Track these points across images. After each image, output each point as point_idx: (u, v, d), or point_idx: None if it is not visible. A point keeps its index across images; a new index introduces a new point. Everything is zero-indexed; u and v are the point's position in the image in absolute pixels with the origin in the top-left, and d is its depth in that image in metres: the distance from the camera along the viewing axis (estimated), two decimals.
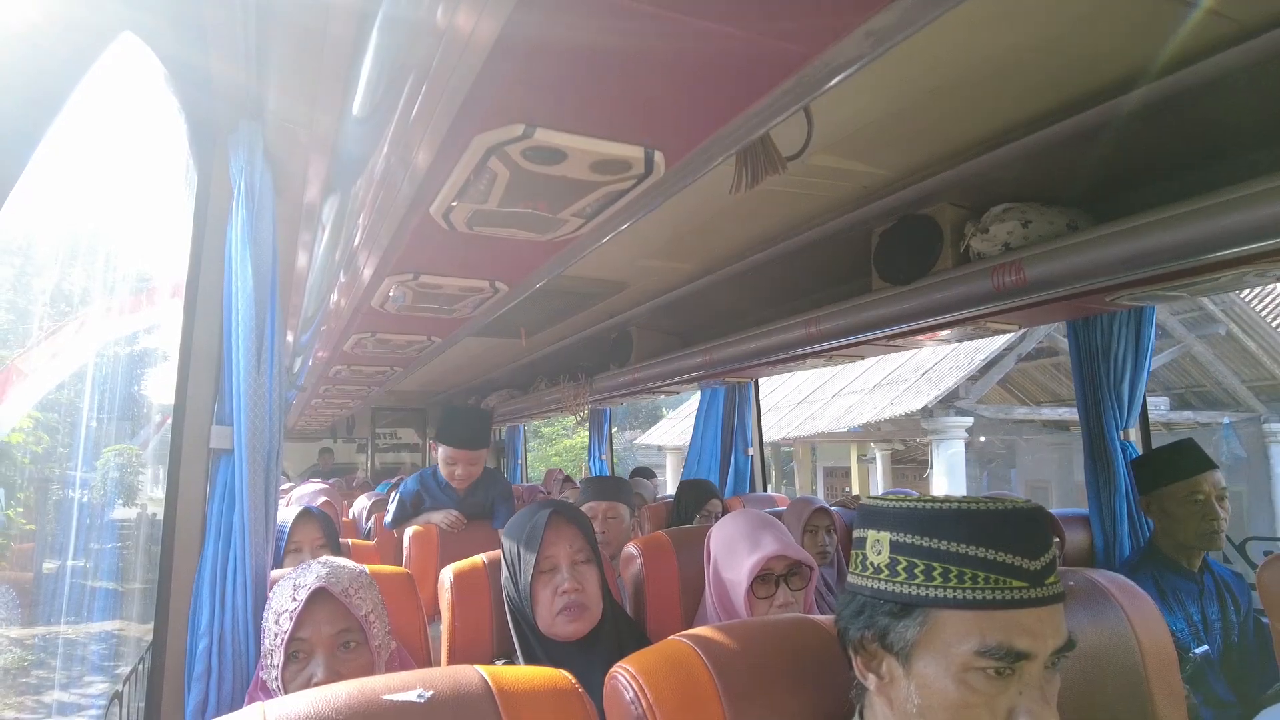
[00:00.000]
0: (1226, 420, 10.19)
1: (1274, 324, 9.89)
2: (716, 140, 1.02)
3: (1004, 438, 12.63)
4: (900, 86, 1.44)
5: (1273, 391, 10.18)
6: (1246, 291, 9.47)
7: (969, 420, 10.13)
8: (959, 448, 10.19)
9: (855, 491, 13.50)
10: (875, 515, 0.92)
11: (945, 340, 2.66)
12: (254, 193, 1.40)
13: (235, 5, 1.09)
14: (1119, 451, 2.42)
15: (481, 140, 1.00)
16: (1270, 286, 10.03)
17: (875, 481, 13.07)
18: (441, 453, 2.77)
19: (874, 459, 13.18)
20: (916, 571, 0.86)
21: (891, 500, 0.92)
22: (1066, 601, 0.87)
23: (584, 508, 2.42)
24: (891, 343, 2.59)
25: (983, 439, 12.39)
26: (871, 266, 2.12)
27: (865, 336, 2.24)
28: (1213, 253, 1.40)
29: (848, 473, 14.29)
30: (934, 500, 0.87)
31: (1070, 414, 10.71)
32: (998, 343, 9.71)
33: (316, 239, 1.77)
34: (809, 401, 12.53)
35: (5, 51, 0.65)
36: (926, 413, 9.83)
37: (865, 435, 11.63)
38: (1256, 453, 10.29)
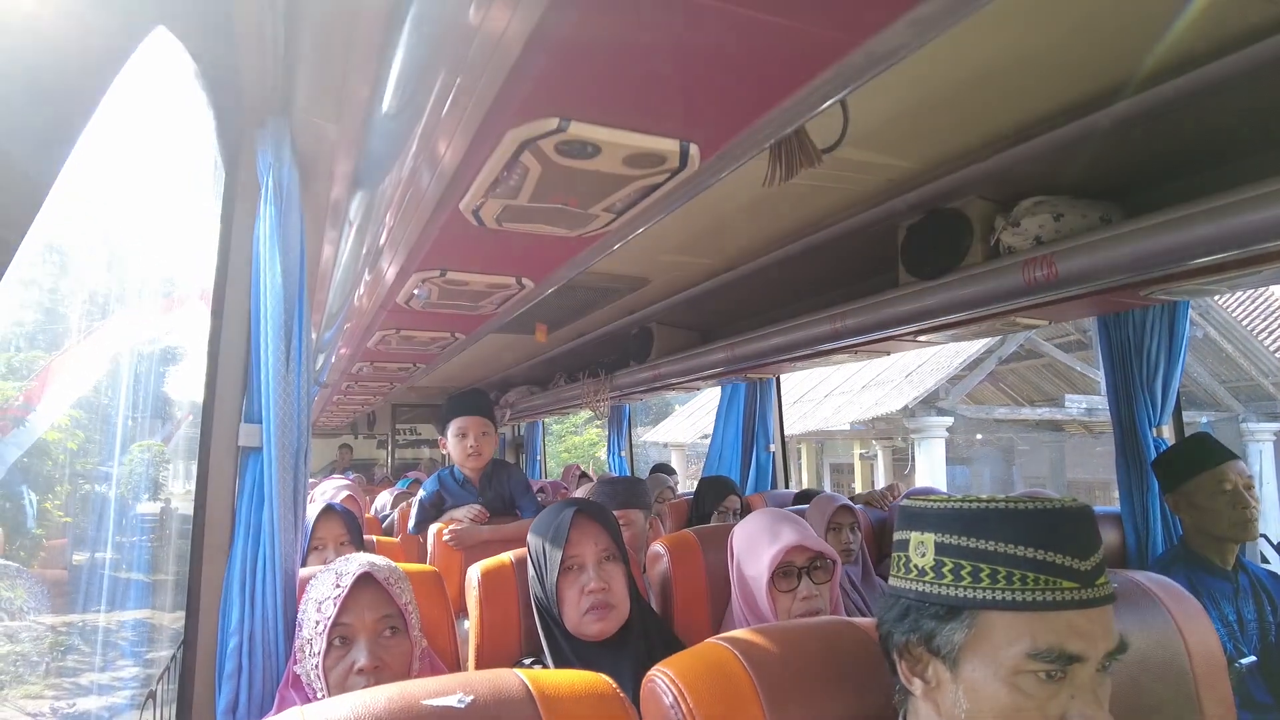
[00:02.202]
0: (1205, 420, 10.39)
1: (1247, 325, 10.21)
2: (753, 132, 1.00)
3: (1002, 436, 12.76)
4: (929, 78, 1.41)
5: (1250, 392, 10.47)
6: (1222, 296, 9.64)
7: (949, 420, 10.64)
8: (940, 446, 10.73)
9: (857, 487, 13.62)
10: (918, 517, 0.91)
11: (974, 336, 2.63)
12: (282, 189, 1.39)
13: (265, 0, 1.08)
14: (1152, 449, 2.39)
15: (514, 135, 0.99)
16: (1243, 293, 10.31)
17: (877, 477, 13.36)
18: (452, 430, 2.77)
19: (875, 455, 13.32)
20: (963, 573, 0.84)
21: (935, 501, 0.90)
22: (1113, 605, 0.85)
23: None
24: (918, 338, 2.56)
25: (979, 437, 12.56)
26: (898, 261, 2.09)
27: (892, 332, 2.21)
28: (1253, 245, 1.36)
29: (852, 469, 14.43)
30: (980, 500, 0.86)
31: (1051, 413, 11.29)
32: (977, 346, 10.25)
33: (343, 235, 1.77)
34: (804, 400, 12.91)
35: (42, 46, 0.64)
36: (908, 412, 10.35)
37: (866, 433, 11.88)
38: (1235, 451, 10.34)
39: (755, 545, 1.65)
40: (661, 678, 0.94)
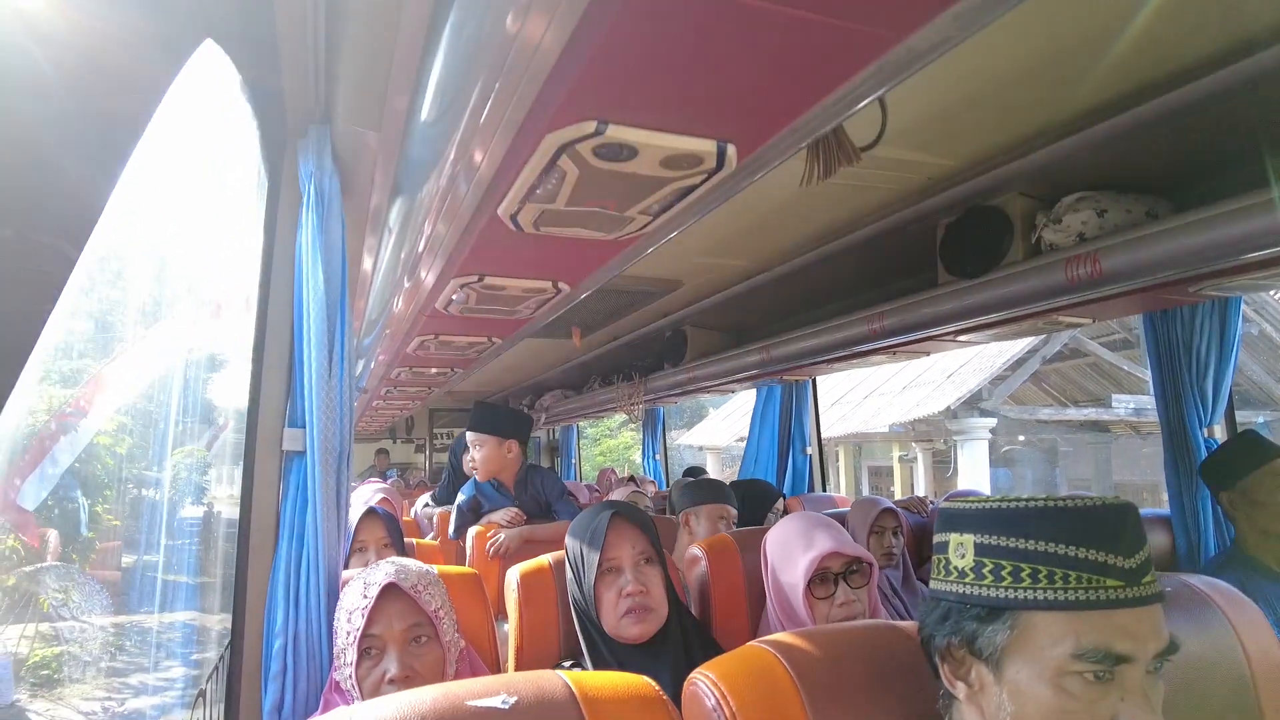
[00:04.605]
0: (1260, 419, 10.02)
1: None
2: (791, 131, 1.00)
3: (1046, 437, 12.51)
4: (969, 73, 1.40)
5: None
6: (1278, 291, 9.29)
7: (992, 421, 10.46)
8: (983, 448, 10.55)
9: (896, 490, 13.44)
10: (956, 518, 0.89)
11: (1016, 335, 2.58)
12: (323, 197, 1.42)
13: (307, 11, 1.10)
14: (1202, 450, 2.32)
15: (552, 139, 0.99)
16: None
17: (917, 480, 13.09)
18: None
19: (915, 458, 13.15)
20: (1004, 573, 0.83)
21: (973, 501, 0.89)
22: (1165, 610, 0.83)
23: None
24: (958, 338, 2.52)
25: (1022, 438, 12.34)
26: (937, 260, 2.07)
27: (931, 332, 2.18)
28: None
29: (891, 472, 14.24)
30: (1019, 500, 0.85)
31: (1097, 414, 11.05)
32: (1020, 345, 10.06)
33: (382, 242, 1.79)
34: (842, 403, 12.80)
35: (95, 63, 0.66)
36: (950, 414, 10.19)
37: (906, 435, 11.75)
38: None
39: (790, 552, 1.63)
40: (704, 680, 0.93)
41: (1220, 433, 2.41)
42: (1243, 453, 2.16)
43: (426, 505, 4.04)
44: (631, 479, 5.51)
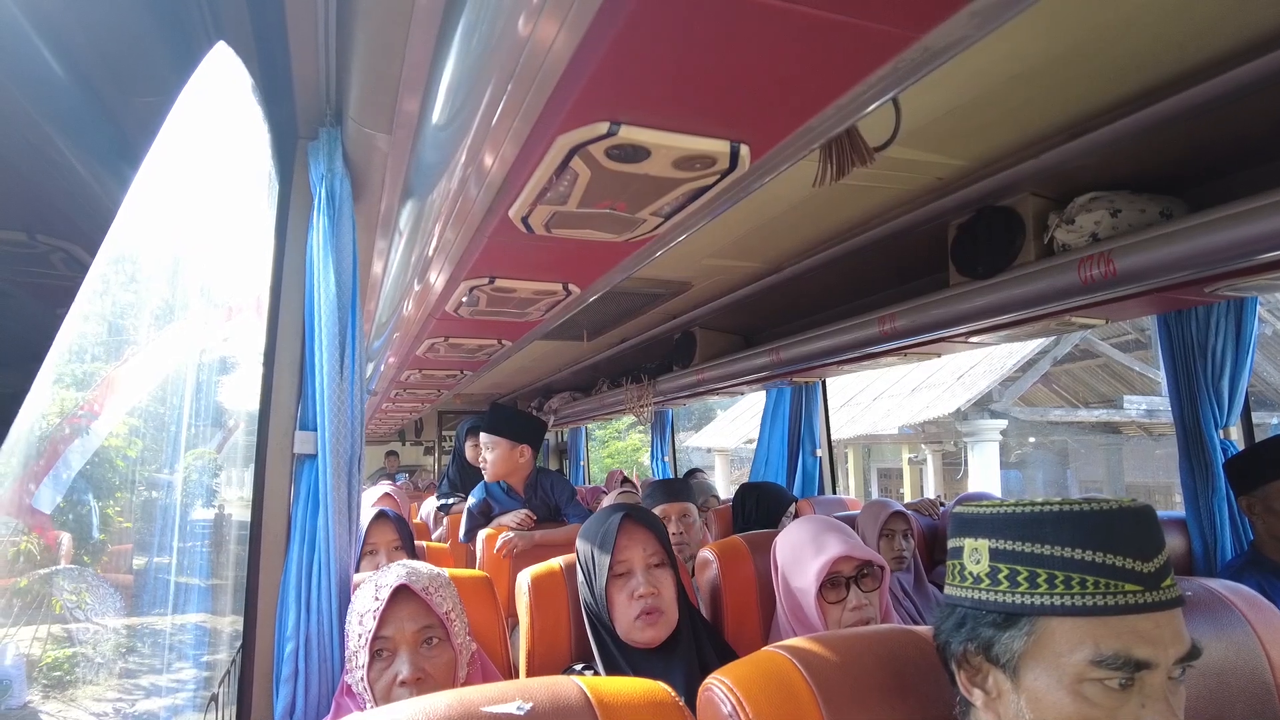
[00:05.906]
0: (1277, 420, 9.89)
1: None
2: (805, 131, 0.99)
3: (1057, 439, 12.43)
4: (981, 72, 1.38)
5: None
6: None
7: (1003, 422, 10.38)
8: (993, 449, 10.45)
9: (906, 492, 13.38)
10: (971, 523, 0.88)
11: (1028, 336, 2.57)
12: (334, 200, 1.42)
13: (318, 14, 1.10)
14: (1218, 451, 2.30)
15: (564, 140, 0.99)
16: None
17: (927, 482, 13.02)
18: None
19: (925, 460, 13.10)
20: (1020, 579, 0.82)
21: (987, 506, 0.88)
22: (1186, 615, 0.81)
23: (655, 510, 2.42)
24: (970, 339, 2.51)
25: (1032, 440, 12.27)
26: (949, 261, 2.06)
27: (943, 333, 2.17)
28: None
29: (900, 474, 14.19)
30: (1034, 503, 0.83)
31: (1108, 415, 10.96)
32: (1030, 347, 9.99)
33: (393, 245, 1.79)
34: (851, 404, 12.73)
35: (111, 66, 0.66)
36: (960, 415, 10.11)
37: (915, 436, 11.69)
38: None
39: (800, 557, 1.62)
40: (719, 686, 0.93)
41: (1236, 434, 2.39)
42: (1268, 460, 2.12)
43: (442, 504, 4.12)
44: (628, 480, 5.51)
